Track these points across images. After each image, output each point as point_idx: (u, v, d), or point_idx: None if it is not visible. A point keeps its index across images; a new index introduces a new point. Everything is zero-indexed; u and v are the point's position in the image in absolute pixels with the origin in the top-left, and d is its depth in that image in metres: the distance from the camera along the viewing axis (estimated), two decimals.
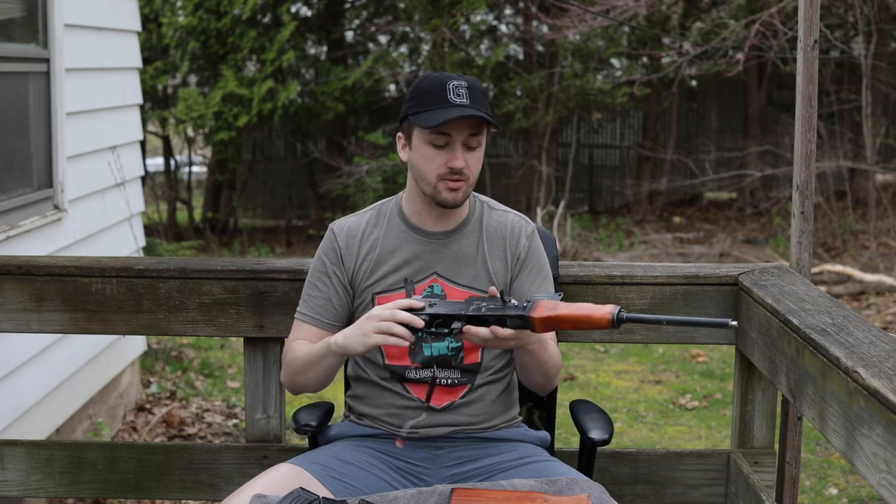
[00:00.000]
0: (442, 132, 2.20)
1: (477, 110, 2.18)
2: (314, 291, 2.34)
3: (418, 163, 2.25)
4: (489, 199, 2.42)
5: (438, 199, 2.24)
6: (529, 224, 2.39)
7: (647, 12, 10.88)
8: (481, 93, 2.23)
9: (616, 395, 6.01)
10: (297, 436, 4.42)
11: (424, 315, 2.06)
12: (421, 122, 2.20)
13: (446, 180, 2.22)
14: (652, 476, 2.82)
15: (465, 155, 2.22)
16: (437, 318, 2.06)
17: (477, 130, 2.22)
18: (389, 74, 12.25)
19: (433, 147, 2.22)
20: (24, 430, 4.02)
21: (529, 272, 2.34)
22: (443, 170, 2.22)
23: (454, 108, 2.17)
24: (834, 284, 8.41)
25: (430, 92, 2.21)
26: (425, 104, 2.21)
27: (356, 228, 2.35)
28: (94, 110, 5.01)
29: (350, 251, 2.33)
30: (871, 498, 4.41)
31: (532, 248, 2.36)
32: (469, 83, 2.21)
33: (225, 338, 5.93)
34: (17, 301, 2.74)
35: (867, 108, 10.34)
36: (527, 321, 2.00)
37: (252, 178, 13.92)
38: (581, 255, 10.29)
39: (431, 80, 2.23)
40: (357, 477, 2.22)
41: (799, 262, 2.70)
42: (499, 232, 2.35)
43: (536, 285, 2.33)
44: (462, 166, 2.21)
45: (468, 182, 2.24)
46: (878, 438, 1.76)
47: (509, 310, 2.02)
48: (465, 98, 2.19)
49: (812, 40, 2.62)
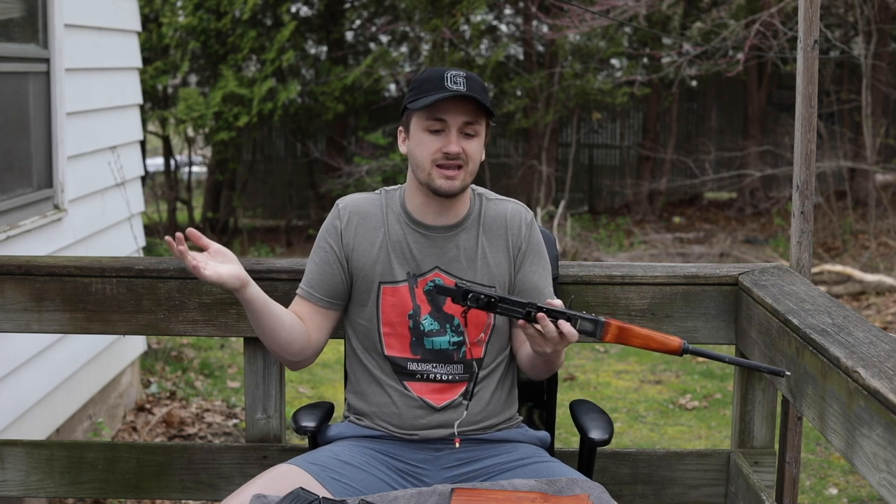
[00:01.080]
0: (437, 117, 2.20)
1: (472, 94, 2.18)
2: (310, 265, 2.36)
3: (414, 150, 2.26)
4: (486, 191, 2.41)
5: (433, 186, 2.24)
6: (528, 212, 2.40)
7: (648, 12, 10.87)
8: (480, 84, 2.23)
9: (616, 395, 6.01)
10: (297, 436, 4.42)
11: (494, 295, 2.06)
12: (416, 105, 2.21)
13: (441, 167, 2.22)
14: (652, 476, 2.82)
15: (461, 141, 2.21)
16: (506, 301, 2.06)
17: (473, 119, 2.22)
18: (389, 74, 12.25)
19: (429, 133, 2.22)
20: (24, 430, 4.02)
21: (532, 262, 2.35)
22: (437, 155, 2.22)
23: (449, 92, 2.18)
24: (834, 284, 8.41)
25: (428, 80, 2.22)
26: (422, 91, 2.22)
27: (364, 207, 2.35)
28: (94, 110, 5.01)
29: (352, 227, 2.32)
30: (871, 498, 4.41)
31: (532, 237, 2.37)
32: (468, 74, 2.22)
33: (225, 338, 5.93)
34: (17, 301, 2.74)
35: (867, 108, 10.34)
36: (599, 327, 2.04)
37: (252, 178, 13.92)
38: (581, 255, 10.29)
39: (430, 71, 2.25)
40: (357, 478, 2.22)
41: (799, 262, 2.70)
42: (498, 222, 2.35)
43: (538, 273, 2.34)
44: (457, 151, 2.20)
45: (466, 170, 2.23)
46: (878, 438, 1.76)
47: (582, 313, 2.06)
48: (461, 86, 2.19)
49: (812, 40, 2.62)
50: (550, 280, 2.39)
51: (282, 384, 2.78)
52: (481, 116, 2.23)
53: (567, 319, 2.04)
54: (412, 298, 2.28)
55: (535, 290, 2.32)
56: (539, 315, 2.03)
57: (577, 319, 2.05)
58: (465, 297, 2.06)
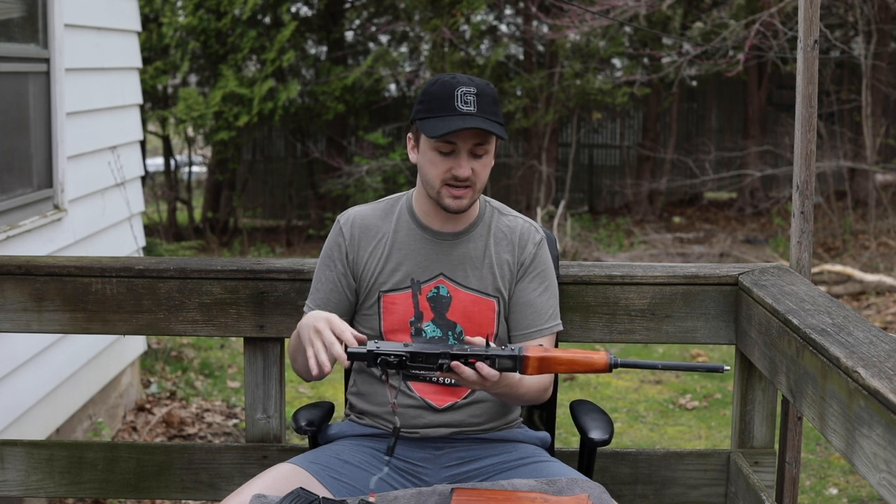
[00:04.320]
0: (447, 141, 2.19)
1: (484, 119, 2.15)
2: (317, 284, 2.35)
3: (424, 167, 2.25)
4: (500, 205, 2.41)
5: (442, 203, 2.24)
6: (539, 232, 2.38)
7: (648, 12, 10.87)
8: (490, 99, 2.20)
9: (616, 395, 6.01)
10: (297, 435, 4.42)
11: (403, 352, 1.99)
12: (426, 130, 2.18)
13: (449, 187, 2.21)
14: (652, 476, 2.82)
15: (470, 162, 2.20)
16: (419, 356, 1.99)
17: (483, 140, 2.20)
18: (389, 74, 12.25)
19: (438, 153, 2.21)
20: (24, 430, 4.02)
21: (532, 279, 2.33)
22: (447, 176, 2.21)
23: (459, 117, 2.15)
24: (834, 284, 8.41)
25: (438, 98, 2.18)
26: (432, 110, 2.18)
27: (365, 220, 2.34)
28: (94, 110, 5.01)
29: (355, 243, 2.32)
30: (871, 498, 4.41)
31: (538, 256, 2.34)
32: (479, 89, 2.18)
33: (225, 338, 5.93)
34: (17, 301, 2.74)
35: (867, 108, 10.34)
36: (518, 361, 1.98)
37: (252, 178, 13.92)
38: (581, 255, 10.29)
39: (441, 85, 2.20)
40: (357, 477, 2.22)
41: (799, 262, 2.70)
42: (508, 237, 2.34)
43: (538, 293, 2.32)
44: (466, 175, 2.19)
45: (474, 189, 2.23)
46: (878, 438, 1.76)
47: (498, 351, 1.99)
48: (472, 106, 2.16)
49: (812, 40, 2.62)
50: (556, 303, 2.35)
51: (282, 384, 2.78)
52: (490, 136, 2.21)
53: (486, 359, 1.99)
54: (415, 305, 2.28)
55: (529, 307, 2.31)
56: (453, 364, 1.98)
57: (496, 359, 1.99)
58: (374, 361, 2.00)
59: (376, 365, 1.99)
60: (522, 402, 2.28)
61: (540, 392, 2.29)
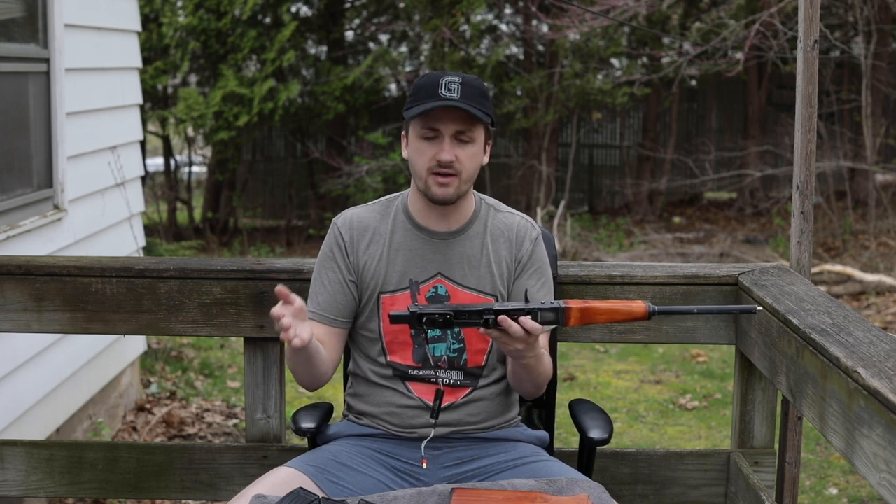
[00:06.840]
0: (430, 126, 2.21)
1: (464, 104, 2.17)
2: (319, 287, 2.33)
3: (412, 157, 2.26)
4: (496, 202, 2.41)
5: (429, 193, 2.24)
6: (535, 228, 2.39)
7: (647, 12, 10.88)
8: (477, 90, 2.21)
9: (616, 395, 6.01)
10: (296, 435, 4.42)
11: (449, 310, 2.02)
12: (409, 113, 2.22)
13: (435, 174, 2.22)
14: (652, 476, 2.82)
15: (455, 149, 2.21)
16: (462, 314, 2.02)
17: (466, 126, 2.21)
18: (389, 74, 12.25)
19: (424, 140, 2.23)
20: (24, 430, 4.02)
21: (530, 276, 2.33)
22: (432, 163, 2.22)
23: (441, 100, 2.18)
24: (834, 284, 8.41)
25: (423, 87, 2.22)
26: (418, 98, 2.22)
27: (363, 221, 2.34)
28: (94, 110, 5.01)
29: (354, 244, 2.32)
30: (871, 498, 4.41)
31: (535, 253, 2.35)
32: (464, 80, 2.21)
33: (225, 338, 5.93)
34: (17, 301, 2.74)
35: (867, 108, 10.34)
36: (560, 313, 2.01)
37: (252, 178, 13.92)
38: (581, 255, 10.29)
39: (428, 76, 2.25)
40: (354, 480, 2.22)
41: (799, 262, 2.70)
42: (504, 234, 2.34)
43: (536, 288, 2.32)
44: (449, 159, 2.20)
45: (460, 178, 2.23)
46: (878, 438, 1.76)
47: (539, 304, 2.03)
48: (455, 93, 2.18)
49: (812, 40, 2.62)
50: (552, 298, 2.36)
51: (282, 384, 2.78)
52: (475, 124, 2.22)
53: (527, 314, 2.03)
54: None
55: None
56: (500, 318, 2.01)
57: (538, 312, 2.03)
58: (420, 321, 2.03)
59: (420, 326, 2.02)
60: (538, 380, 2.27)
61: (548, 375, 2.30)
